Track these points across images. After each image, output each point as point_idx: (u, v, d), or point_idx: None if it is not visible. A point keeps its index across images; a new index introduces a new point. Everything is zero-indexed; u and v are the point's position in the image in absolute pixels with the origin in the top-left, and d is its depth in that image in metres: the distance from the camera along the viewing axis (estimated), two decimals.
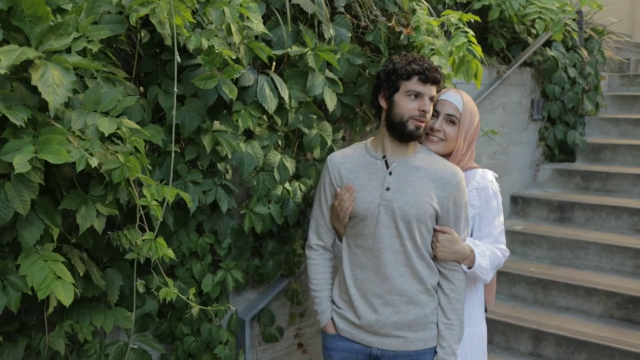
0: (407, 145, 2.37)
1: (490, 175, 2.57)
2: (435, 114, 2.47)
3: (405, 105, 2.29)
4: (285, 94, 2.52)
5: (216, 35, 2.16)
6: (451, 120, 2.47)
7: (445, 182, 2.33)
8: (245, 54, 2.32)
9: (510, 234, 4.69)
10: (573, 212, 4.75)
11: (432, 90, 2.31)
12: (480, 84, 3.08)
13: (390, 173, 2.35)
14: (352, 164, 2.42)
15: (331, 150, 2.79)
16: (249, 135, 2.62)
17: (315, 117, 2.72)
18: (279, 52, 2.54)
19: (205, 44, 2.03)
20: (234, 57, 2.05)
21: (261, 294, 3.02)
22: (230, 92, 2.08)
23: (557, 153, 5.43)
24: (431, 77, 2.29)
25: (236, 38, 2.15)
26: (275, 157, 2.66)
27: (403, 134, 2.32)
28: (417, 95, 2.28)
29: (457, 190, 2.34)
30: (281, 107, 2.61)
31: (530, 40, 5.10)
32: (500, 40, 4.89)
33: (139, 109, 2.18)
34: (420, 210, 2.30)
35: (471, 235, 2.54)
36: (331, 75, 2.69)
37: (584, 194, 4.97)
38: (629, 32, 6.52)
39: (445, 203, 2.34)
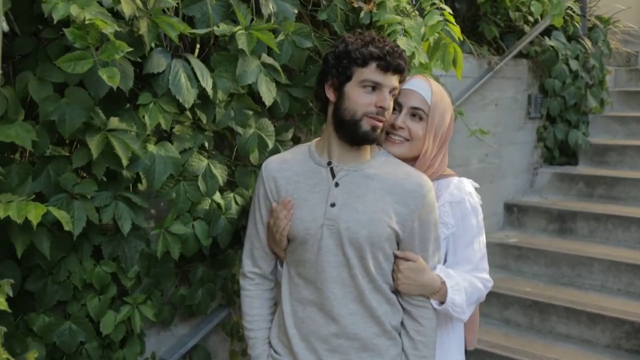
0: (360, 149, 1.87)
1: (468, 185, 2.07)
2: (397, 107, 1.97)
3: (359, 98, 1.80)
4: (207, 83, 2.01)
5: (99, 3, 1.65)
6: (417, 114, 1.97)
7: (408, 195, 1.84)
8: (148, 30, 1.82)
9: (503, 248, 4.20)
10: (575, 222, 4.31)
11: (393, 80, 1.82)
12: (467, 76, 2.60)
13: (336, 184, 1.85)
14: (291, 171, 1.93)
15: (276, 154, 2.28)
16: (166, 135, 2.11)
17: (251, 112, 2.21)
18: (201, 32, 2.03)
19: (76, 13, 1.52)
20: (111, 30, 1.54)
21: (194, 328, 2.51)
22: (109, 79, 1.58)
23: (557, 155, 5.05)
24: (393, 64, 1.79)
25: (126, 8, 1.66)
26: (200, 162, 2.16)
27: (354, 136, 1.83)
28: (375, 86, 1.81)
29: (423, 205, 1.85)
30: (207, 101, 2.11)
31: (527, 29, 4.61)
32: (492, 28, 4.41)
33: (1, 101, 1.68)
34: (375, 232, 1.81)
35: (444, 262, 2.04)
36: (270, 60, 2.18)
37: (588, 202, 4.54)
38: (637, 22, 6.00)
39: (409, 222, 1.85)
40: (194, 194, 2.17)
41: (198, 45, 2.16)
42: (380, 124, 1.84)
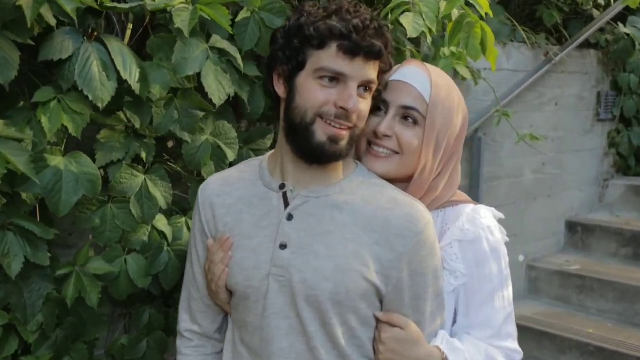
0: (326, 167, 1.34)
1: (487, 215, 1.50)
2: (383, 106, 1.42)
3: (312, 94, 1.29)
4: (131, 74, 1.52)
5: None
6: (410, 116, 1.43)
7: (394, 233, 1.31)
8: (30, 4, 1.34)
9: (561, 276, 3.59)
10: None
11: (366, 70, 1.29)
12: (519, 69, 2.02)
13: (289, 217, 1.33)
14: (233, 197, 1.42)
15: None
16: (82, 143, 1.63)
17: (201, 114, 1.70)
18: (125, 6, 1.54)
19: None
20: None
21: None
22: None
23: (632, 164, 4.50)
24: (363, 45, 1.27)
25: None
26: (133, 179, 1.67)
27: (305, 149, 1.32)
28: (336, 78, 1.28)
29: (417, 247, 1.32)
30: (140, 99, 1.61)
31: (596, 14, 3.97)
32: (554, 13, 3.78)
33: None
34: (343, 287, 1.30)
35: (452, 324, 1.48)
36: (224, 45, 1.66)
37: None
38: None
39: (394, 272, 1.32)
40: (125, 220, 1.68)
41: (130, 25, 1.66)
42: (344, 134, 1.29)
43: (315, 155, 1.30)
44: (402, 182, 1.45)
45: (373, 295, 1.32)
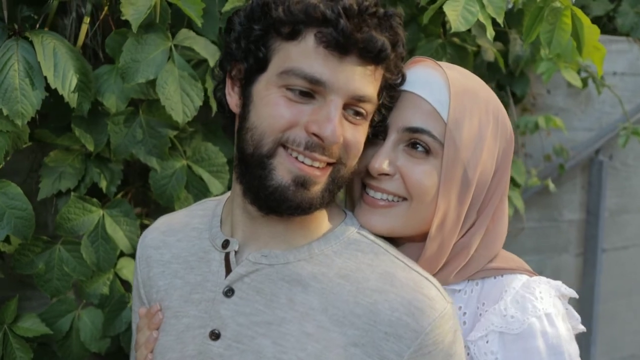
0: (289, 221, 0.91)
1: (545, 295, 1.00)
2: (381, 131, 0.95)
3: (273, 109, 0.87)
4: (64, 82, 1.18)
5: None
6: (419, 143, 0.96)
7: (384, 332, 0.87)
8: None
9: None
10: None
11: (358, 79, 0.87)
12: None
13: (228, 292, 0.91)
14: (172, 252, 1.03)
15: None
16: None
17: (173, 132, 1.33)
18: None
19: None
20: None
21: None
22: None
23: None
24: (360, 38, 0.84)
25: None
26: (86, 215, 1.33)
27: (260, 195, 0.89)
28: (310, 90, 0.86)
29: (419, 356, 0.87)
30: (95, 112, 1.27)
31: None
32: None
33: None
34: None
35: None
36: (200, 44, 1.27)
37: None
38: None
39: None
40: (76, 267, 1.35)
41: (87, 19, 1.31)
42: (317, 174, 0.86)
43: (271, 204, 0.87)
44: (418, 240, 0.98)
45: None
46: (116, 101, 1.27)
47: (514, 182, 2.04)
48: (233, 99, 0.93)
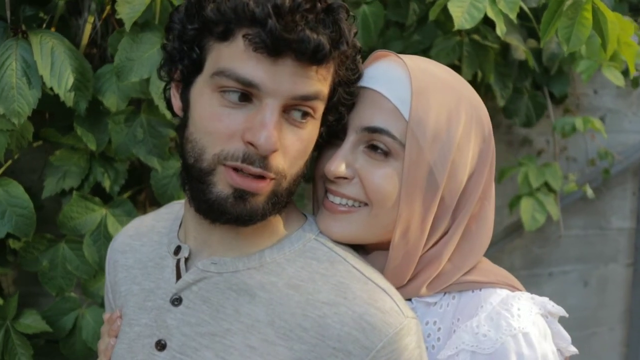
0: (239, 228, 0.86)
1: (525, 312, 0.91)
2: (340, 131, 0.90)
3: (210, 120, 0.81)
4: (60, 80, 1.19)
5: None
6: (379, 146, 0.89)
7: (332, 347, 0.82)
8: None
9: None
10: None
11: (298, 80, 0.79)
12: None
13: (175, 300, 0.89)
14: (135, 256, 1.01)
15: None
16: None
17: (172, 132, 1.32)
18: None
19: None
20: None
21: None
22: None
23: None
24: (291, 39, 0.77)
25: None
26: (88, 214, 1.34)
27: (201, 204, 0.84)
28: (247, 92, 0.80)
29: None
30: (97, 111, 1.28)
31: None
32: None
33: None
34: None
35: None
36: None
37: None
38: None
39: None
40: (79, 265, 1.36)
41: (91, 19, 1.33)
42: (259, 186, 0.81)
43: (211, 215, 0.84)
44: (386, 248, 0.93)
45: None
46: (116, 100, 1.28)
47: (548, 187, 1.94)
48: (177, 103, 0.89)
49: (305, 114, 0.81)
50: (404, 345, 0.81)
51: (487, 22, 1.46)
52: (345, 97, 0.87)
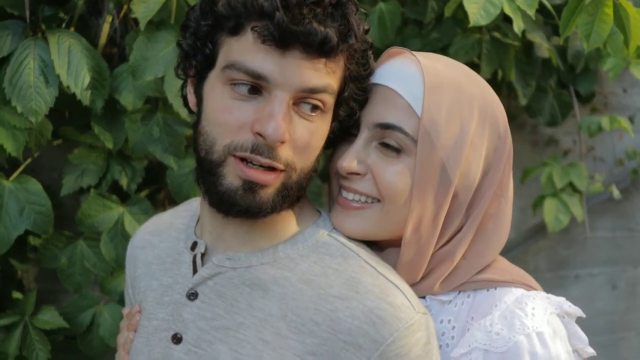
0: (253, 223, 0.88)
1: (539, 311, 0.90)
2: (354, 127, 0.90)
3: (220, 112, 0.83)
4: (76, 79, 1.21)
5: None
6: (392, 143, 0.89)
7: (343, 341, 0.82)
8: None
9: None
10: None
11: (306, 72, 0.80)
12: None
13: (191, 295, 0.90)
14: (154, 252, 1.03)
15: None
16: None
17: (188, 130, 1.33)
18: None
19: None
20: None
21: None
22: None
23: None
24: (299, 31, 0.78)
25: None
26: (105, 212, 1.36)
27: (213, 196, 0.86)
28: (256, 84, 0.81)
29: None
30: (113, 109, 1.30)
31: None
32: None
33: None
34: None
35: None
36: None
37: None
38: None
39: None
40: (96, 263, 1.38)
41: (109, 18, 1.34)
42: (268, 178, 0.82)
43: (222, 207, 0.85)
44: (399, 245, 0.92)
45: None
46: (133, 99, 1.29)
47: (573, 188, 1.90)
48: (192, 98, 0.91)
49: (314, 107, 0.82)
50: (415, 340, 0.81)
51: (508, 19, 1.44)
52: (357, 93, 0.88)
